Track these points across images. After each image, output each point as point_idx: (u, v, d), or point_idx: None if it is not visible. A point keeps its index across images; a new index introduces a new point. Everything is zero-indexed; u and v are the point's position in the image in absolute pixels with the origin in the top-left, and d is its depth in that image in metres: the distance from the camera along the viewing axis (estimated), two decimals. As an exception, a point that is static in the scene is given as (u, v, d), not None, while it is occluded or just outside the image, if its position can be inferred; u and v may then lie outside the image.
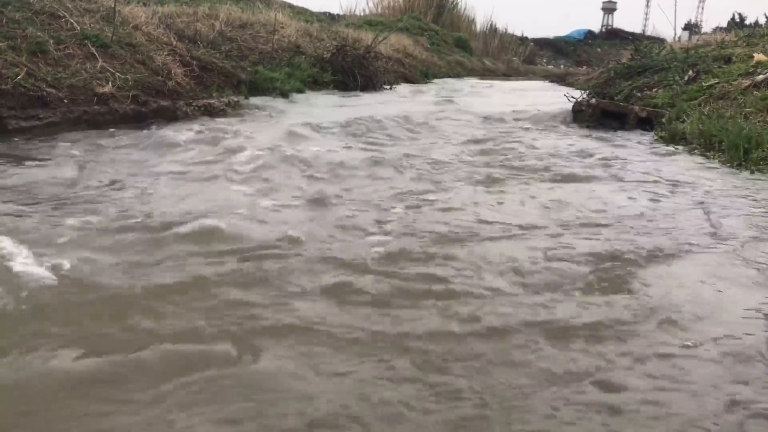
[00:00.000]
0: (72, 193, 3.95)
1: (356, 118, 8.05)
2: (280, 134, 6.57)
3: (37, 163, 4.75)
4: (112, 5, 8.39)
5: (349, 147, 6.28)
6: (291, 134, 6.63)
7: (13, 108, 5.82)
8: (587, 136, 7.92)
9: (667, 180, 5.14)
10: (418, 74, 18.40)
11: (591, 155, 6.33)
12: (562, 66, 32.39)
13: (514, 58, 31.06)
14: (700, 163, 5.97)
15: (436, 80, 18.95)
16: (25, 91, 6.02)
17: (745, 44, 10.76)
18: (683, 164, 5.93)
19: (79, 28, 7.48)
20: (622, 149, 6.82)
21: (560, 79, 22.65)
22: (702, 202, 4.40)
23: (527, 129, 8.48)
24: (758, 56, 9.05)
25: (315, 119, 7.79)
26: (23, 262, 2.62)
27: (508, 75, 26.29)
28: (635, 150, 6.80)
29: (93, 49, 7.27)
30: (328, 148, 6.05)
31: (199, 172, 4.74)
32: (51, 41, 6.90)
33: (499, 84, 19.63)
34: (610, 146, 7.05)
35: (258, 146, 5.67)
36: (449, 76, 21.11)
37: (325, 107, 9.62)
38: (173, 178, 4.51)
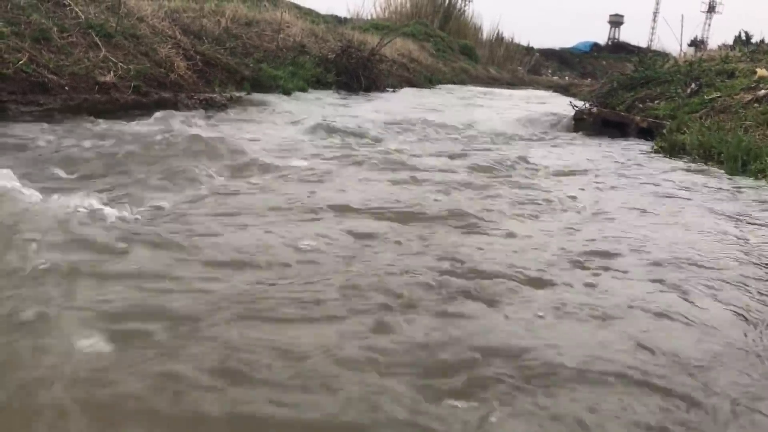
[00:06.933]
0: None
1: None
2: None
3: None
4: (118, -4, 8.42)
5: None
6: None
7: (14, 93, 5.82)
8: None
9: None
10: (423, 79, 18.47)
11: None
12: (566, 77, 32.48)
13: (520, 68, 31.18)
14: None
15: (440, 86, 19.00)
16: (27, 76, 6.03)
17: (748, 59, 10.76)
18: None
19: (83, 17, 7.50)
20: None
21: (564, 90, 22.80)
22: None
23: (529, 137, 8.46)
24: (761, 71, 9.04)
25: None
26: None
27: (512, 84, 26.36)
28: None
29: (96, 39, 7.28)
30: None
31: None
32: (55, 29, 6.91)
33: (500, 92, 19.65)
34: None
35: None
36: (453, 83, 21.16)
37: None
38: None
